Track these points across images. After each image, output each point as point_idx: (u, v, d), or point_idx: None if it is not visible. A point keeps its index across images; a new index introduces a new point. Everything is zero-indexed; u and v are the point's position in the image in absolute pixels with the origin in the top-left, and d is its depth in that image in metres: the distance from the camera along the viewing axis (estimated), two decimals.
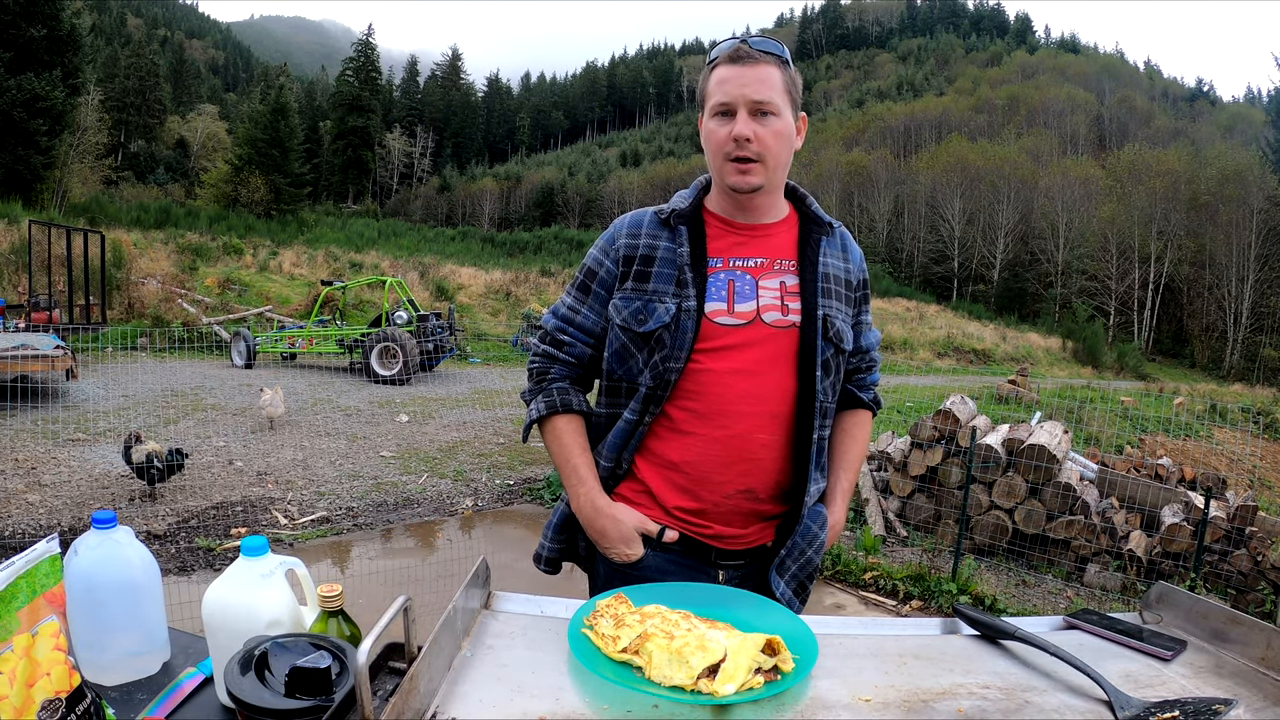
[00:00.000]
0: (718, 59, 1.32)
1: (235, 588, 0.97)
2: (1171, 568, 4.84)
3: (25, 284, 13.24)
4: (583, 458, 1.37)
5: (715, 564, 1.35)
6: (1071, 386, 16.74)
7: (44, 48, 26.57)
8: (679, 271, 1.32)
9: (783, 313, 1.32)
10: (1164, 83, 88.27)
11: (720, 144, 1.30)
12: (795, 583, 1.37)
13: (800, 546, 1.36)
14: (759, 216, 1.38)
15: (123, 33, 72.51)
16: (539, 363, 1.44)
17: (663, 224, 1.37)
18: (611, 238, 1.40)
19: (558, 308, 1.45)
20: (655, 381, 1.31)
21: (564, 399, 1.40)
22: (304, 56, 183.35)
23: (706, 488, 1.32)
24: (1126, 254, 44.17)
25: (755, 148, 1.28)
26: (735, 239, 1.37)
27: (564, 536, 1.45)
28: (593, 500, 1.34)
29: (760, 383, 1.31)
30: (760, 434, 1.31)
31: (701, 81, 1.37)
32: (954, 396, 6.28)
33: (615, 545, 1.33)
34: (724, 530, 1.34)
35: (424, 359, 11.83)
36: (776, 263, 1.36)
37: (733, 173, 1.31)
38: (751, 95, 1.27)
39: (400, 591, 0.99)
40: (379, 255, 26.76)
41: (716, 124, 1.31)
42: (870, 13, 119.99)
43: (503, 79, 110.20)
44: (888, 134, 68.70)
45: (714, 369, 1.30)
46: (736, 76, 1.28)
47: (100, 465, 6.06)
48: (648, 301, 1.32)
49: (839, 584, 4.89)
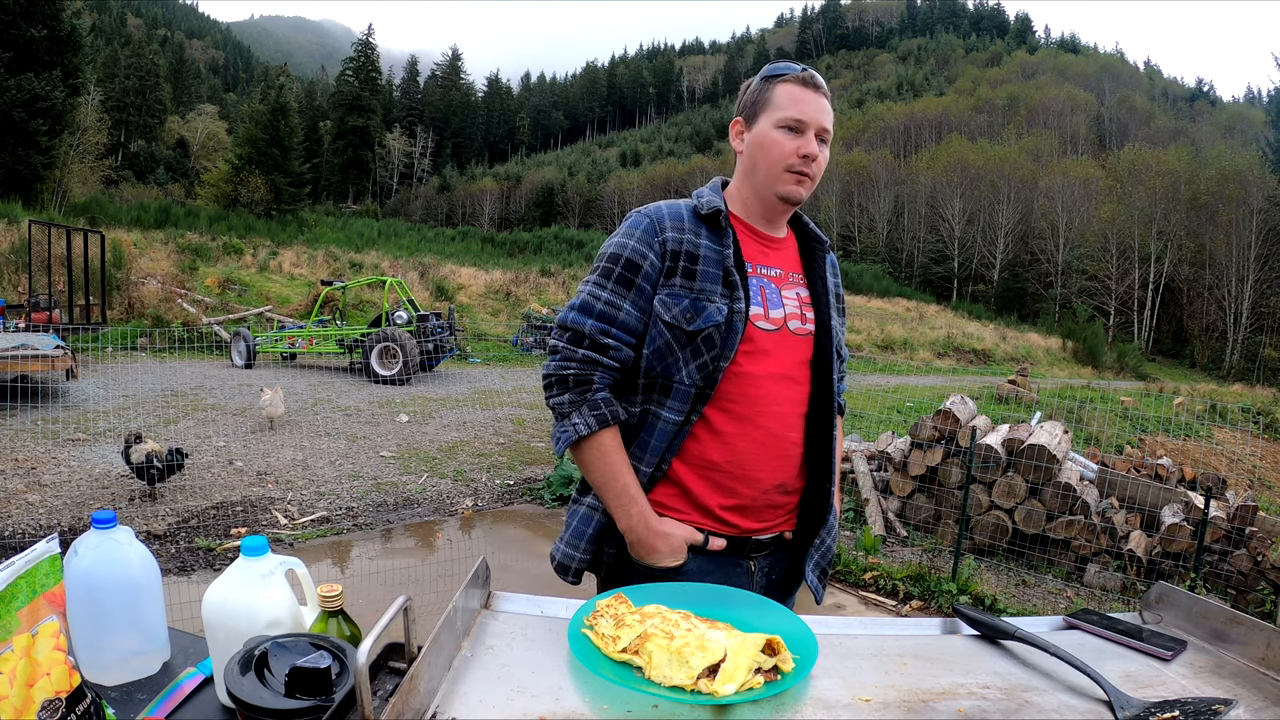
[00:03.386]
0: (786, 75, 1.40)
1: (235, 588, 0.97)
2: (1171, 568, 4.84)
3: (25, 284, 13.23)
4: (630, 475, 1.34)
5: (749, 556, 1.42)
6: (1071, 386, 16.74)
7: (44, 48, 26.53)
8: (725, 273, 1.34)
9: (802, 321, 1.42)
10: (1164, 83, 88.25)
11: (785, 155, 1.37)
12: (819, 570, 1.48)
13: (823, 537, 1.46)
14: (776, 230, 1.47)
15: (123, 33, 72.50)
16: (578, 369, 1.33)
17: (700, 220, 1.38)
18: (653, 229, 1.35)
19: (592, 305, 1.34)
20: (705, 381, 1.33)
21: (612, 410, 1.33)
22: (304, 56, 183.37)
23: (746, 484, 1.37)
24: (1126, 254, 44.19)
25: (815, 167, 1.39)
26: (759, 247, 1.44)
27: (596, 548, 1.41)
28: (646, 520, 1.32)
29: (791, 385, 1.40)
30: (792, 433, 1.40)
31: (759, 92, 1.41)
32: (954, 396, 6.28)
33: (665, 558, 1.33)
34: (756, 524, 1.40)
35: (424, 359, 11.82)
36: (790, 274, 1.45)
37: (791, 182, 1.38)
38: (823, 121, 1.38)
39: (400, 591, 0.99)
40: (379, 255, 26.74)
41: (784, 136, 1.37)
42: (870, 13, 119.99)
43: (503, 79, 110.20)
44: (888, 134, 68.69)
45: (752, 371, 1.35)
46: (812, 100, 1.37)
47: (100, 465, 6.06)
48: (695, 299, 1.32)
49: (839, 584, 4.89)
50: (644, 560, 1.34)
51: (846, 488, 6.37)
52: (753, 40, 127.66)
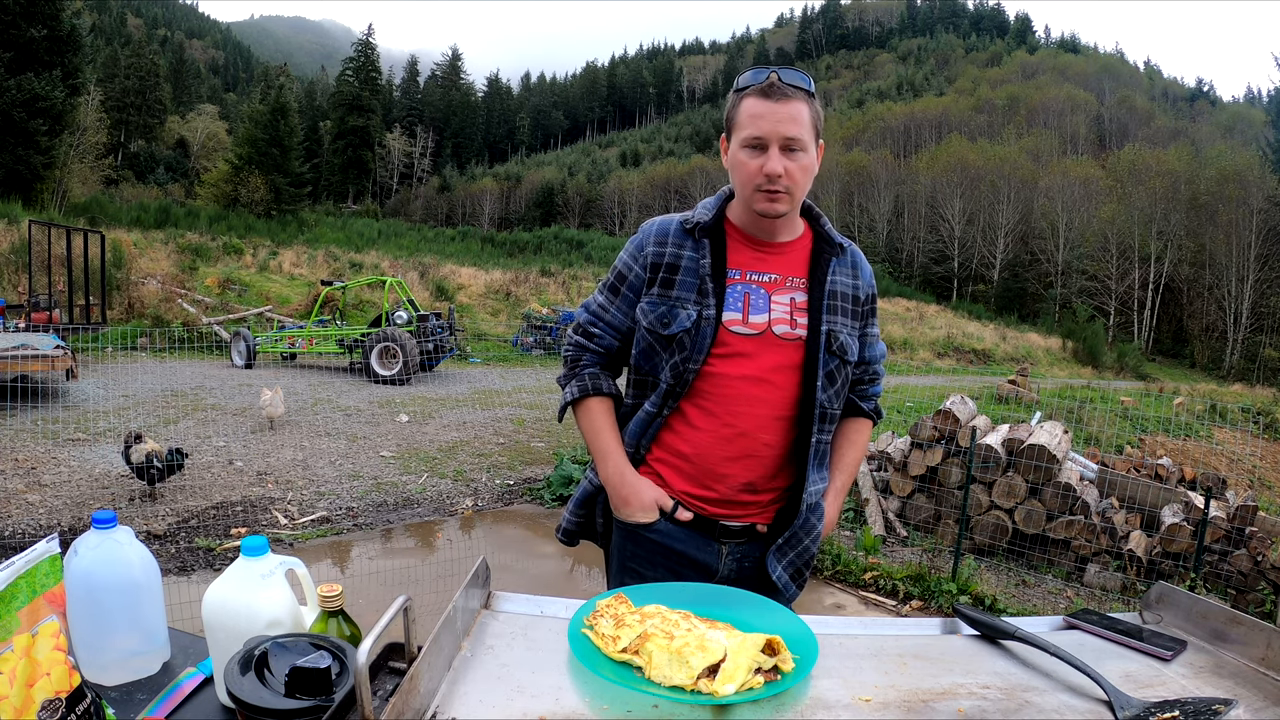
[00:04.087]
0: (748, 89, 1.38)
1: (235, 588, 0.97)
2: (1171, 568, 4.84)
3: (25, 284, 13.22)
4: (612, 434, 1.50)
5: (720, 539, 1.47)
6: (1071, 386, 16.74)
7: (44, 48, 26.53)
8: (700, 281, 1.42)
9: (791, 326, 1.43)
10: (1164, 83, 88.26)
11: (751, 176, 1.38)
12: (792, 569, 1.50)
13: (799, 537, 1.49)
14: (777, 235, 1.48)
15: (123, 33, 72.50)
16: (572, 351, 1.58)
17: (687, 233, 1.46)
18: (640, 244, 1.49)
19: (589, 303, 1.58)
20: (675, 379, 1.43)
21: (595, 383, 1.53)
22: (304, 56, 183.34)
23: (712, 478, 1.45)
24: (1126, 254, 44.18)
25: (785, 182, 1.36)
26: (754, 254, 1.47)
27: (584, 512, 1.58)
28: (620, 471, 1.47)
29: (766, 388, 1.42)
30: (763, 434, 1.43)
31: (730, 107, 1.43)
32: (954, 396, 6.28)
33: (635, 513, 1.46)
34: (725, 513, 1.47)
35: (424, 359, 11.82)
36: (789, 280, 1.46)
37: (761, 200, 1.39)
38: (784, 132, 1.34)
39: (400, 591, 0.99)
40: (379, 255, 26.75)
41: (747, 155, 1.38)
42: (870, 13, 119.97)
43: (503, 79, 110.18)
44: (888, 134, 68.69)
45: (726, 373, 1.42)
46: (769, 112, 1.34)
47: (100, 465, 6.06)
48: (671, 307, 1.42)
49: (839, 584, 4.89)
50: (619, 513, 1.48)
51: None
52: (753, 40, 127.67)
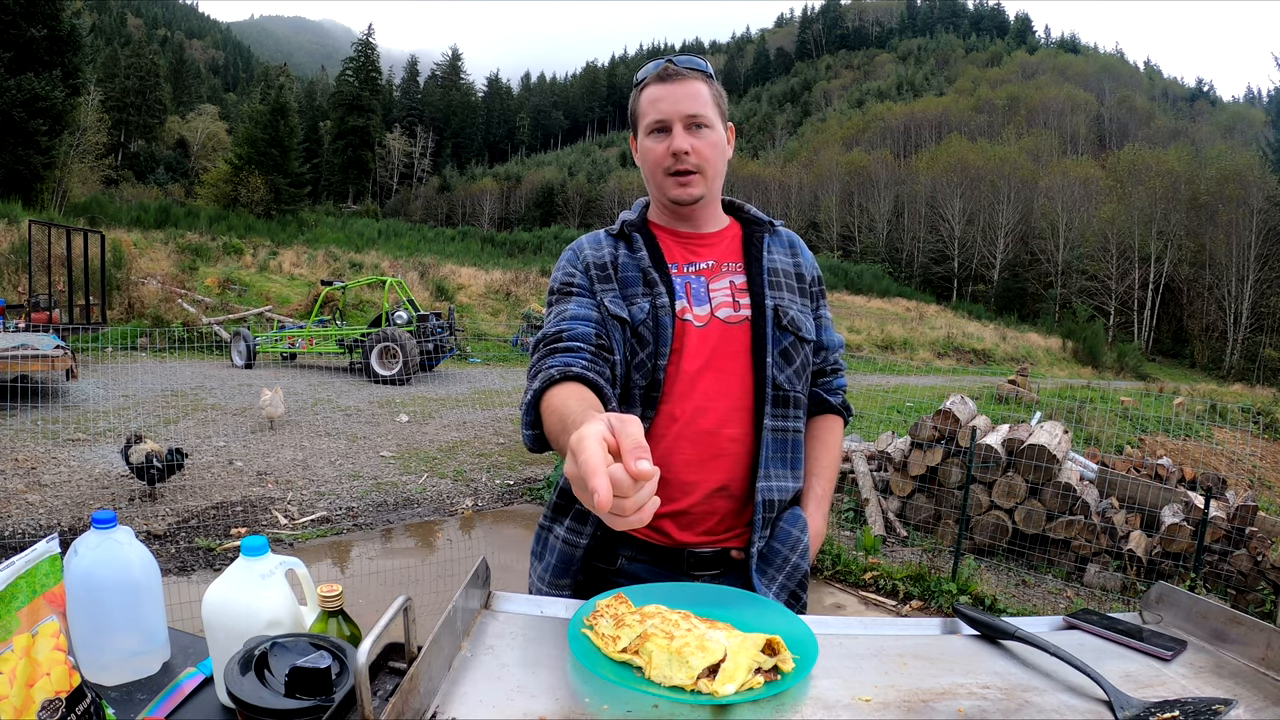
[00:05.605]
0: (646, 79, 1.36)
1: (235, 588, 0.96)
2: (1171, 568, 4.84)
3: (25, 284, 13.23)
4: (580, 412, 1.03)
5: (689, 572, 1.32)
6: (1071, 386, 16.74)
7: (44, 48, 26.55)
8: (644, 274, 1.35)
9: (735, 309, 1.36)
10: (1164, 83, 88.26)
11: (659, 160, 1.34)
12: (785, 593, 1.35)
13: (783, 553, 1.35)
14: (701, 226, 1.43)
15: (123, 33, 72.52)
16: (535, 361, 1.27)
17: (617, 237, 1.42)
18: (574, 256, 1.40)
19: (544, 325, 1.32)
20: (646, 380, 1.30)
21: (563, 371, 1.13)
22: (304, 56, 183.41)
23: (679, 488, 1.30)
24: (1126, 254, 44.21)
25: (694, 159, 1.33)
26: (684, 249, 1.42)
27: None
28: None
29: (722, 377, 1.33)
30: (727, 428, 1.32)
31: (632, 103, 1.41)
32: (954, 396, 6.28)
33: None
34: (692, 537, 1.32)
35: (424, 359, 11.83)
36: (724, 265, 1.41)
37: (673, 186, 1.35)
38: (685, 109, 1.32)
39: (400, 591, 0.99)
40: (379, 255, 26.76)
41: (653, 141, 1.35)
42: (870, 13, 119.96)
43: (503, 79, 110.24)
44: (888, 134, 68.73)
45: (685, 369, 1.32)
46: (668, 94, 1.32)
47: (100, 465, 6.06)
48: (624, 296, 1.34)
49: (839, 584, 4.89)
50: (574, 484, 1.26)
51: (846, 488, 6.37)
52: (753, 40, 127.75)
